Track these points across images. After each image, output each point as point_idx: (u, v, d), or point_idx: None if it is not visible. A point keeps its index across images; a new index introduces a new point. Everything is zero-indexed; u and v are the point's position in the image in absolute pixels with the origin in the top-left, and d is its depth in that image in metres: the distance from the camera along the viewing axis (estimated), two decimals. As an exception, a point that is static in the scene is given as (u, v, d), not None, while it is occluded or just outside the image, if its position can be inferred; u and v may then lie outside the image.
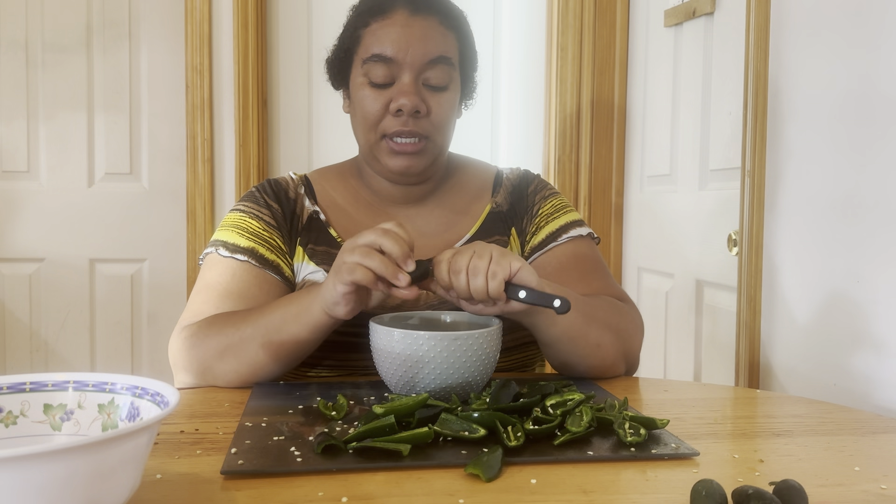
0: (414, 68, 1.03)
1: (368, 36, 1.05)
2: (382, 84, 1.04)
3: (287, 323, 0.93)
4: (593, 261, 1.12)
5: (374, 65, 1.03)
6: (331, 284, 0.87)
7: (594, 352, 0.98)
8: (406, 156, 1.05)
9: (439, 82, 1.05)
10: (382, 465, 0.66)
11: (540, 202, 1.16)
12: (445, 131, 1.08)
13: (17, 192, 2.17)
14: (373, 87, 1.05)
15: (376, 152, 1.07)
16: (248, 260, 1.05)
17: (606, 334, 0.98)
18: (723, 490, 0.57)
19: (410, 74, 1.03)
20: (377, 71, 1.04)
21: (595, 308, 0.99)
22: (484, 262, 0.86)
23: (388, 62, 1.03)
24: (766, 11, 1.40)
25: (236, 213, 1.11)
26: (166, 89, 2.19)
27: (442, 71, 1.04)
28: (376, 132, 1.06)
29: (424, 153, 1.06)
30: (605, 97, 2.17)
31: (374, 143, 1.07)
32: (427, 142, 1.06)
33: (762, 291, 1.42)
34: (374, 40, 1.04)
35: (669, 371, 1.91)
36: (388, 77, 1.04)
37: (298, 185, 1.15)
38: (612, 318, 1.01)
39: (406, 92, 1.02)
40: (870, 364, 1.15)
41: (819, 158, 1.27)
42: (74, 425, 0.62)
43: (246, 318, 0.96)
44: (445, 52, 1.05)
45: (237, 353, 0.94)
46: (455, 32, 1.08)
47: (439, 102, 1.05)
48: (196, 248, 2.16)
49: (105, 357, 2.22)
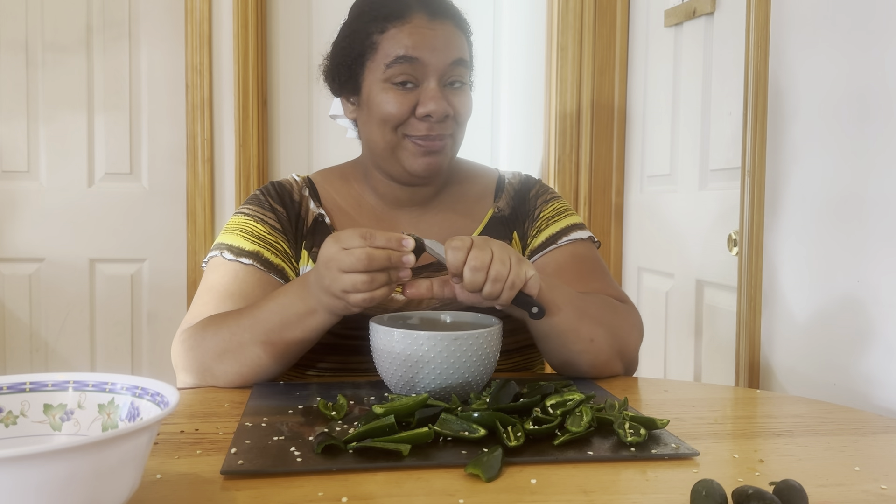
0: (438, 72, 1.04)
1: (388, 40, 1.05)
2: (406, 86, 1.04)
3: (289, 326, 0.93)
4: (592, 262, 1.13)
5: (400, 67, 1.03)
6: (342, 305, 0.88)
7: (587, 347, 0.98)
8: (430, 155, 1.06)
9: (459, 84, 1.07)
10: (382, 465, 0.66)
11: (541, 206, 1.17)
12: (464, 129, 1.11)
13: (17, 192, 2.17)
14: (397, 91, 1.04)
15: (398, 153, 1.07)
16: (253, 264, 1.05)
17: (599, 330, 0.98)
18: (723, 490, 0.57)
19: (435, 78, 1.04)
20: (403, 73, 1.04)
21: (588, 304, 1.00)
22: (505, 270, 0.86)
23: (414, 63, 1.03)
24: (766, 11, 1.40)
25: (241, 217, 1.11)
26: (166, 89, 2.19)
27: (461, 73, 1.07)
28: (397, 133, 1.06)
29: (445, 152, 1.08)
30: (605, 97, 2.17)
31: (396, 144, 1.06)
32: (450, 139, 1.08)
33: (762, 291, 1.42)
34: (395, 44, 1.04)
35: (669, 371, 1.91)
36: (413, 79, 1.04)
37: (303, 187, 1.15)
38: (605, 315, 1.01)
39: (435, 97, 1.03)
40: (870, 364, 1.15)
41: (819, 158, 1.27)
42: (74, 425, 0.62)
43: (243, 319, 0.95)
44: (462, 54, 1.07)
45: (237, 354, 0.94)
46: (466, 35, 1.10)
47: (462, 102, 1.07)
48: (196, 248, 2.16)
49: (105, 357, 2.22)
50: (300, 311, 0.92)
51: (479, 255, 0.86)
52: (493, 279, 0.86)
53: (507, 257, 0.87)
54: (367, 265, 0.83)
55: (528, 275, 0.88)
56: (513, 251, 0.89)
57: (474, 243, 0.88)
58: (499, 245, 0.88)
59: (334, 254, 0.84)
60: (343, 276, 0.84)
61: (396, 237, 0.85)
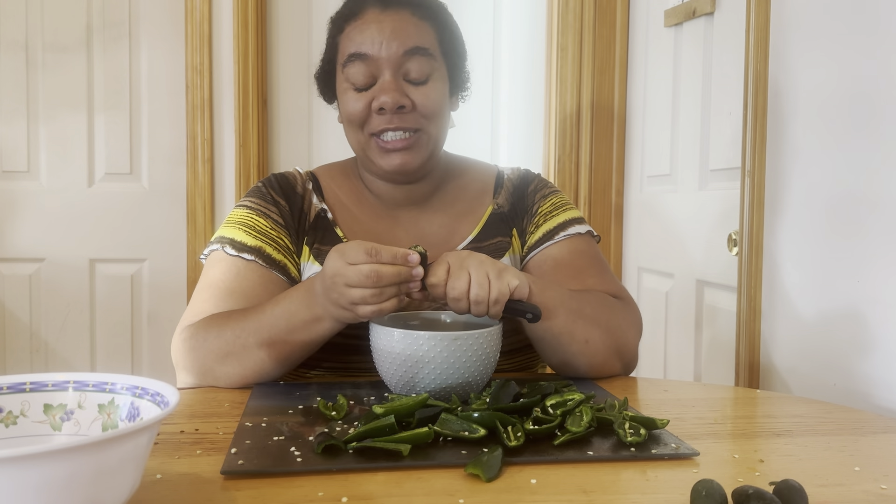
0: (391, 63, 1.02)
1: (344, 40, 1.06)
2: (364, 85, 1.04)
3: (295, 332, 0.92)
4: (590, 257, 1.12)
5: (352, 65, 1.03)
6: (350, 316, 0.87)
7: (583, 348, 0.97)
8: (398, 152, 1.04)
9: (419, 75, 1.04)
10: (382, 465, 0.66)
11: (540, 201, 1.16)
12: (437, 122, 1.07)
13: (17, 192, 2.17)
14: (355, 90, 1.04)
15: (369, 153, 1.07)
16: (255, 260, 1.04)
17: (594, 330, 0.97)
18: (723, 490, 0.57)
19: (389, 70, 1.02)
20: (356, 71, 1.03)
21: (584, 304, 0.98)
22: (484, 292, 0.86)
23: (365, 60, 1.02)
24: (766, 11, 1.40)
25: (243, 210, 1.10)
26: (166, 89, 2.19)
27: (420, 63, 1.03)
28: (364, 133, 1.05)
29: (418, 147, 1.05)
30: (605, 97, 2.17)
31: (365, 144, 1.06)
32: (419, 134, 1.05)
33: (762, 291, 1.42)
34: (349, 42, 1.04)
35: (669, 371, 1.91)
36: (369, 76, 1.03)
37: (306, 180, 1.14)
38: (601, 315, 0.99)
39: (386, 89, 1.02)
40: (870, 364, 1.15)
41: (819, 158, 1.27)
42: (74, 425, 0.62)
43: (246, 321, 0.94)
44: (421, 42, 1.04)
45: (240, 357, 0.94)
46: (431, 22, 1.07)
47: (425, 94, 1.04)
48: (196, 248, 2.15)
49: (105, 357, 2.22)
50: (306, 318, 0.91)
51: (455, 284, 0.86)
52: (475, 302, 0.86)
53: (485, 276, 0.86)
54: (375, 282, 0.82)
55: (511, 286, 0.87)
56: (492, 264, 0.88)
57: (450, 270, 0.87)
58: (476, 262, 0.87)
59: (339, 268, 0.84)
60: (350, 290, 0.84)
61: (402, 253, 0.84)
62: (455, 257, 0.88)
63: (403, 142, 1.04)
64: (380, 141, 1.04)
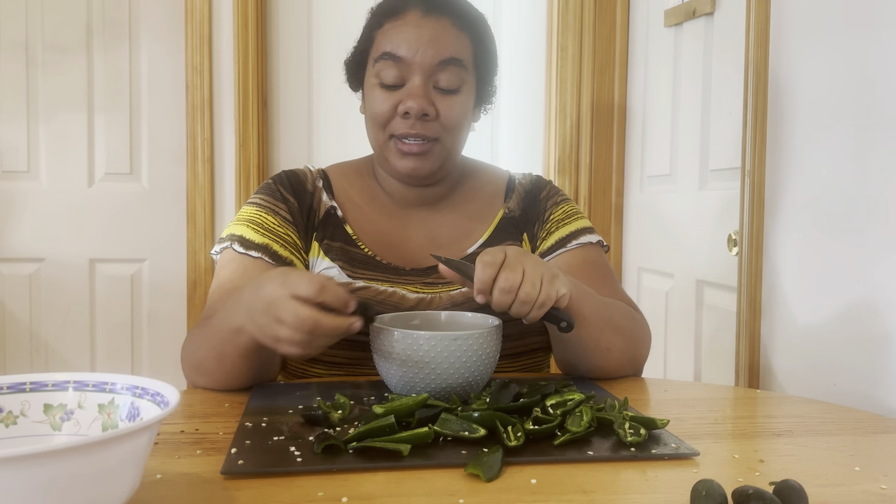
0: (424, 69, 1.02)
1: (381, 36, 1.05)
2: (392, 85, 1.04)
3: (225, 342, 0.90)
4: (602, 268, 1.12)
5: (385, 64, 1.03)
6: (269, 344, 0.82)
7: (604, 355, 0.98)
8: (413, 157, 1.05)
9: (449, 85, 1.03)
10: (382, 465, 0.66)
11: (552, 208, 1.16)
12: (456, 134, 1.07)
13: (17, 192, 2.17)
14: (383, 88, 1.04)
15: (385, 153, 1.07)
16: (262, 257, 1.04)
17: (618, 339, 0.98)
18: (723, 490, 0.57)
19: (420, 76, 1.02)
20: (387, 71, 1.03)
21: (613, 312, 0.99)
22: (535, 292, 0.83)
23: (398, 62, 1.02)
24: (766, 11, 1.40)
25: (252, 207, 1.10)
26: (166, 89, 2.19)
27: (453, 73, 1.03)
28: (385, 132, 1.06)
29: (431, 155, 1.06)
30: (605, 97, 2.17)
31: (384, 144, 1.07)
32: (435, 144, 1.05)
33: (762, 292, 1.42)
34: (385, 40, 1.04)
35: (669, 371, 1.91)
36: (399, 78, 1.03)
37: (317, 178, 1.15)
38: (625, 325, 1.01)
39: (414, 95, 1.02)
40: (870, 364, 1.15)
41: (819, 158, 1.27)
42: (74, 425, 0.62)
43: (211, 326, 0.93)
44: (457, 53, 1.04)
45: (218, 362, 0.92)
46: (469, 34, 1.06)
47: (450, 105, 1.04)
48: (196, 248, 2.15)
49: (105, 357, 2.22)
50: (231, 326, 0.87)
51: (510, 276, 0.83)
52: (522, 301, 0.83)
53: (539, 277, 0.84)
54: (309, 331, 0.77)
55: (559, 293, 0.85)
56: (546, 268, 0.86)
57: (507, 261, 0.84)
58: (533, 262, 0.85)
59: (277, 299, 0.78)
60: (279, 327, 0.78)
61: (345, 299, 0.79)
62: (514, 251, 0.86)
63: (419, 147, 1.04)
64: (399, 143, 1.05)
